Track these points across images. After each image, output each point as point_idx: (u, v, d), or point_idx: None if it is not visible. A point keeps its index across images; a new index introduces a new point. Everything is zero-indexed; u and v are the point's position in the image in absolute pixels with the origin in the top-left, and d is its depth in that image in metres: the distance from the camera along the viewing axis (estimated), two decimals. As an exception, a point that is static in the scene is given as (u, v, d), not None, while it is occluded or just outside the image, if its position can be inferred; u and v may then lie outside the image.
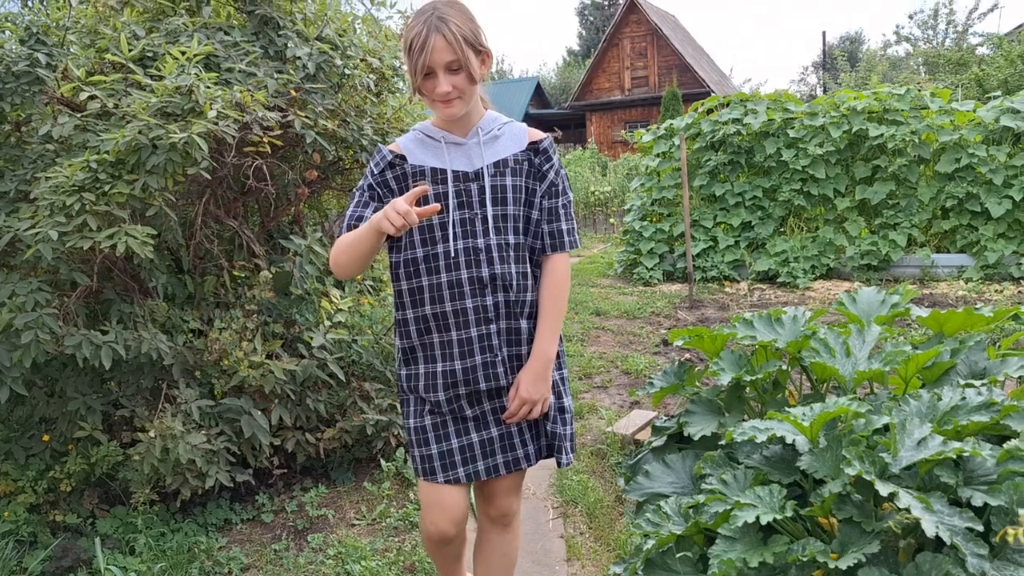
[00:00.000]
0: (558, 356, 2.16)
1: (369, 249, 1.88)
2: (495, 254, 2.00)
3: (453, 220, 1.99)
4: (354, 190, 2.10)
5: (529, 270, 2.08)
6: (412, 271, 2.02)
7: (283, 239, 3.76)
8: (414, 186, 1.98)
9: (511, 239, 2.03)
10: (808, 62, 64.99)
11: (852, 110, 8.58)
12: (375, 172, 2.04)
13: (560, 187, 2.10)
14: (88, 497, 3.30)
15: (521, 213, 2.05)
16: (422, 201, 1.94)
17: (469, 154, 2.02)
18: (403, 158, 2.02)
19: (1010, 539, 1.24)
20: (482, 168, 2.01)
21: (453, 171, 2.00)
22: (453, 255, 1.98)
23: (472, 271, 1.99)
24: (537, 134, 2.12)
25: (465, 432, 2.08)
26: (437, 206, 1.77)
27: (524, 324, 2.06)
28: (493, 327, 2.02)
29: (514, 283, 2.03)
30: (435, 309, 2.02)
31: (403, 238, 2.01)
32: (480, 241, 2.00)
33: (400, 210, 1.71)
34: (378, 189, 2.03)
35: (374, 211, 1.96)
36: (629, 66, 29.69)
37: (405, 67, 1.96)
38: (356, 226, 1.94)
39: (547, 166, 2.08)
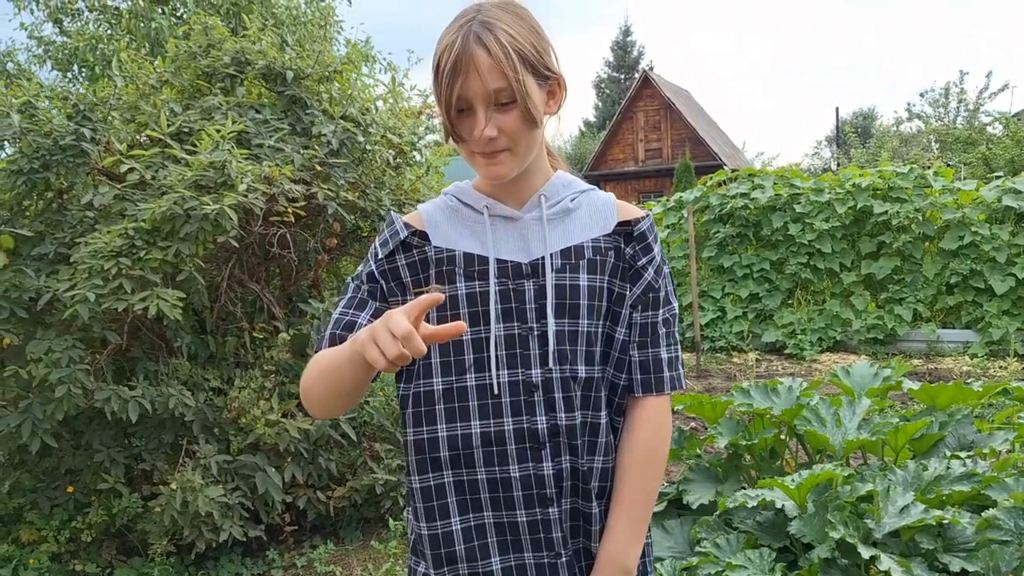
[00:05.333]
0: (643, 560, 1.35)
1: (352, 384, 1.17)
2: (558, 394, 1.26)
3: (495, 337, 1.26)
4: (349, 279, 1.35)
5: (609, 420, 1.32)
6: (425, 412, 1.28)
7: (302, 303, 3.95)
8: (431, 287, 1.23)
9: (583, 371, 1.28)
10: (822, 136, 65.83)
11: (857, 187, 8.80)
12: (379, 255, 1.31)
13: (662, 293, 1.34)
14: (107, 547, 3.42)
15: (600, 331, 1.31)
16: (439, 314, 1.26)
17: (525, 235, 1.30)
18: (424, 236, 1.30)
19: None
20: (543, 258, 1.28)
21: (499, 260, 1.28)
22: (494, 393, 1.26)
23: (522, 420, 1.25)
24: (632, 210, 1.37)
25: None
26: (461, 326, 1.02)
27: (597, 504, 1.30)
28: (552, 510, 1.26)
29: (584, 440, 1.28)
30: (459, 476, 1.27)
31: (415, 360, 1.14)
32: (535, 372, 1.26)
33: (398, 331, 0.97)
34: (382, 281, 1.30)
35: (374, 317, 1.26)
36: (643, 138, 30.28)
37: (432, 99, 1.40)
38: (344, 338, 1.20)
39: (644, 259, 1.33)
